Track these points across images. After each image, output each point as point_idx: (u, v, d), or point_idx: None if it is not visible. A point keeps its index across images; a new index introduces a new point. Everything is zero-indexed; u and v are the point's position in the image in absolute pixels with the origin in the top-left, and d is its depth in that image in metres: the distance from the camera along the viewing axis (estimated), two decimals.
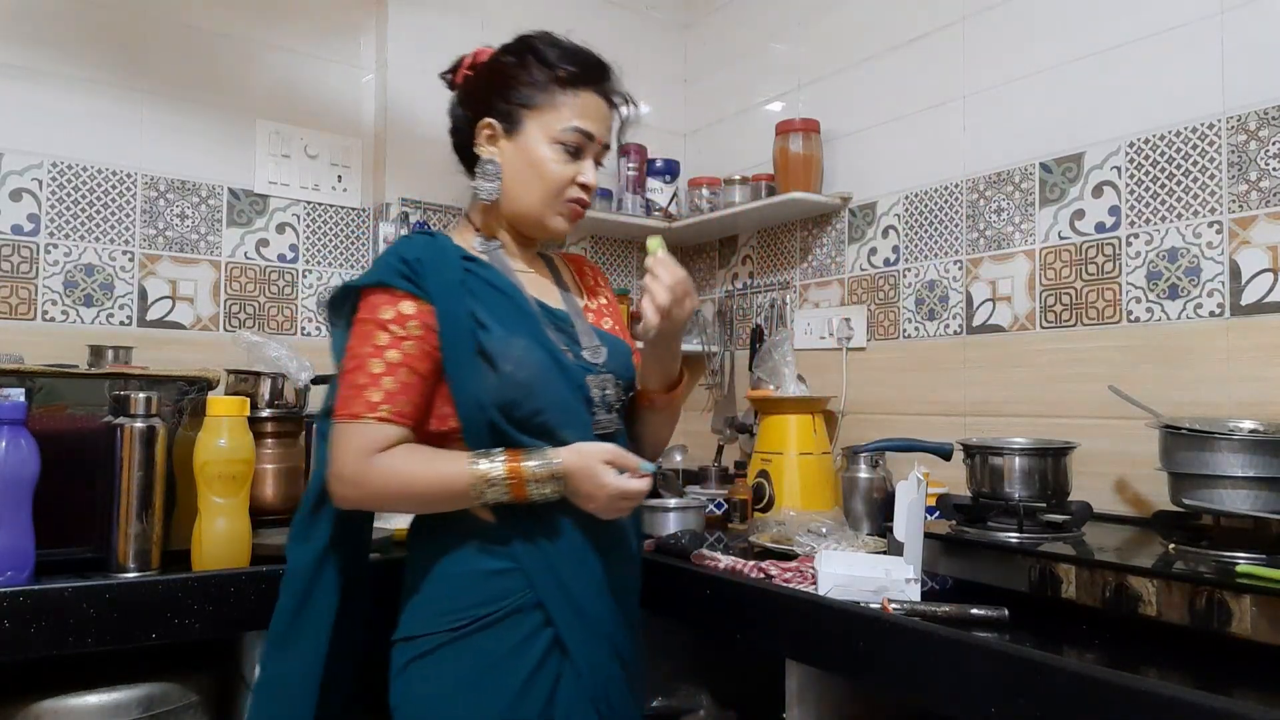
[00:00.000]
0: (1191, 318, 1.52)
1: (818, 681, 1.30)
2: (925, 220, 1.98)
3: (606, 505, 1.06)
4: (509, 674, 1.06)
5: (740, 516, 1.93)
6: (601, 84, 1.21)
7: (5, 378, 1.28)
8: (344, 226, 2.23)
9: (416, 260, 1.08)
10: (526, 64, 1.19)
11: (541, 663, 1.08)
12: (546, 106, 1.17)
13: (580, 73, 1.18)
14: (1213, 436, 1.21)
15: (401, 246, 1.10)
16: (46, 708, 1.21)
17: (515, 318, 1.11)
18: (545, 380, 1.09)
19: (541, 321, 1.14)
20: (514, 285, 1.16)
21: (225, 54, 2.08)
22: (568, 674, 1.09)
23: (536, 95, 1.17)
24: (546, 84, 1.17)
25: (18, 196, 1.83)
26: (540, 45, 1.20)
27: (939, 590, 1.29)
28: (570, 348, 1.15)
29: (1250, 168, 1.46)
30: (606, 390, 1.16)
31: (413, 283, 1.07)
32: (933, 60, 1.98)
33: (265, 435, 1.59)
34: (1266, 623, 0.94)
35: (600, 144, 1.21)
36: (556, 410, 1.09)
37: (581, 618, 1.10)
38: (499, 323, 1.09)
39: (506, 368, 1.06)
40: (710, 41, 2.68)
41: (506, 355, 1.06)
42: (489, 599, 1.08)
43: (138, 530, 1.30)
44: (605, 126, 1.21)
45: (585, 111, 1.18)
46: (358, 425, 1.04)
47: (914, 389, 1.99)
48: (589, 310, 1.27)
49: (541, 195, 1.17)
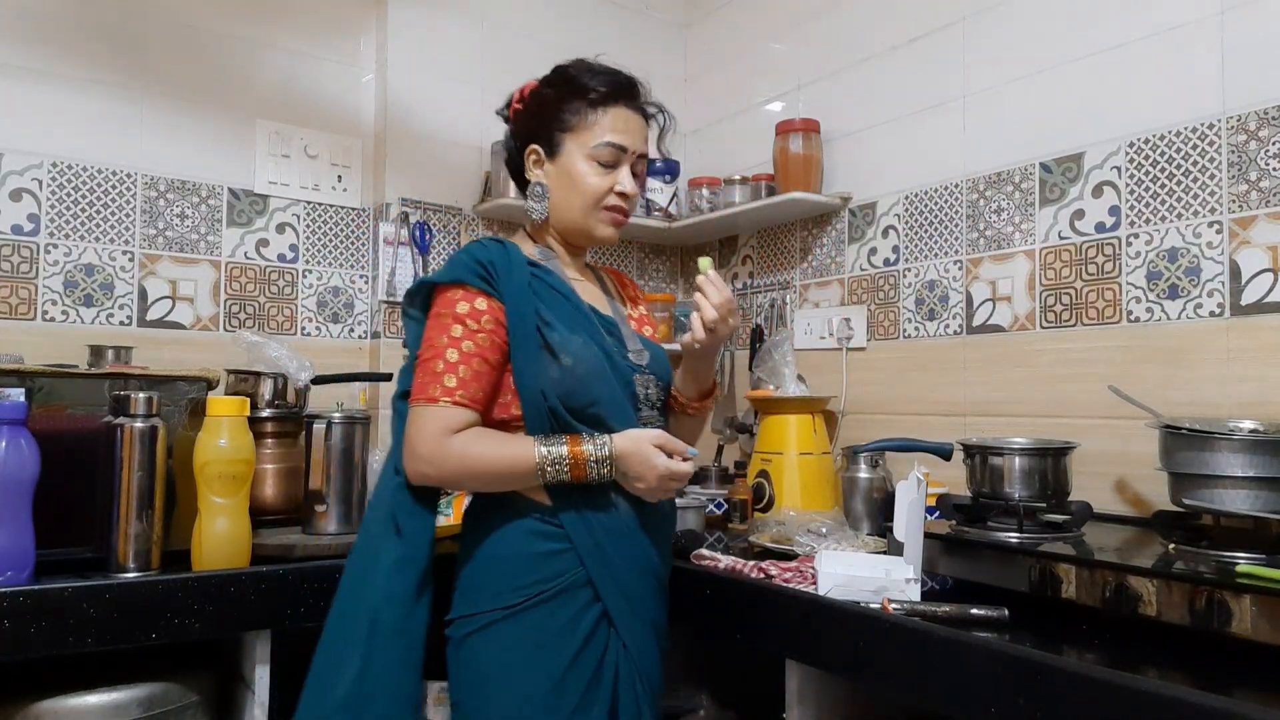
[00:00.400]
0: (1191, 318, 1.52)
1: (818, 681, 1.30)
2: (925, 220, 1.99)
3: (655, 486, 1.17)
4: (562, 646, 1.15)
5: (740, 516, 1.93)
6: (631, 99, 1.29)
7: (5, 378, 1.28)
8: (344, 226, 2.23)
9: (490, 262, 1.19)
10: (561, 91, 1.28)
11: (591, 635, 1.17)
12: (581, 127, 1.26)
13: (609, 91, 1.26)
14: (1213, 436, 1.21)
15: (475, 249, 1.21)
16: (46, 708, 1.21)
17: (574, 318, 1.22)
18: (599, 375, 1.19)
19: (595, 324, 1.26)
20: (571, 289, 1.27)
21: (225, 54, 2.08)
22: (614, 646, 1.19)
23: (572, 118, 1.26)
24: (580, 107, 1.26)
25: (18, 196, 1.84)
26: (573, 72, 1.29)
27: (939, 590, 1.29)
28: (618, 349, 1.26)
29: (1250, 168, 1.46)
30: (649, 389, 1.28)
31: (487, 282, 1.18)
32: (932, 60, 1.98)
33: (265, 435, 1.59)
34: (1266, 623, 0.94)
35: (634, 154, 1.28)
36: (608, 403, 1.19)
37: (627, 596, 1.19)
38: (561, 322, 1.20)
39: (567, 362, 1.17)
40: (710, 41, 2.68)
41: (567, 350, 1.17)
42: (544, 578, 1.16)
43: (138, 530, 1.30)
44: (638, 138, 1.29)
45: (615, 126, 1.26)
46: (435, 408, 1.14)
47: (914, 389, 1.99)
48: (631, 318, 1.38)
49: (582, 206, 1.27)
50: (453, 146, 2.30)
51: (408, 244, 2.21)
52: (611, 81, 1.27)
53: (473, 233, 2.32)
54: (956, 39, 1.93)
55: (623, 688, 1.18)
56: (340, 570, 1.25)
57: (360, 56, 2.27)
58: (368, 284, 2.25)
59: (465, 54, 2.32)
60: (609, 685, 1.17)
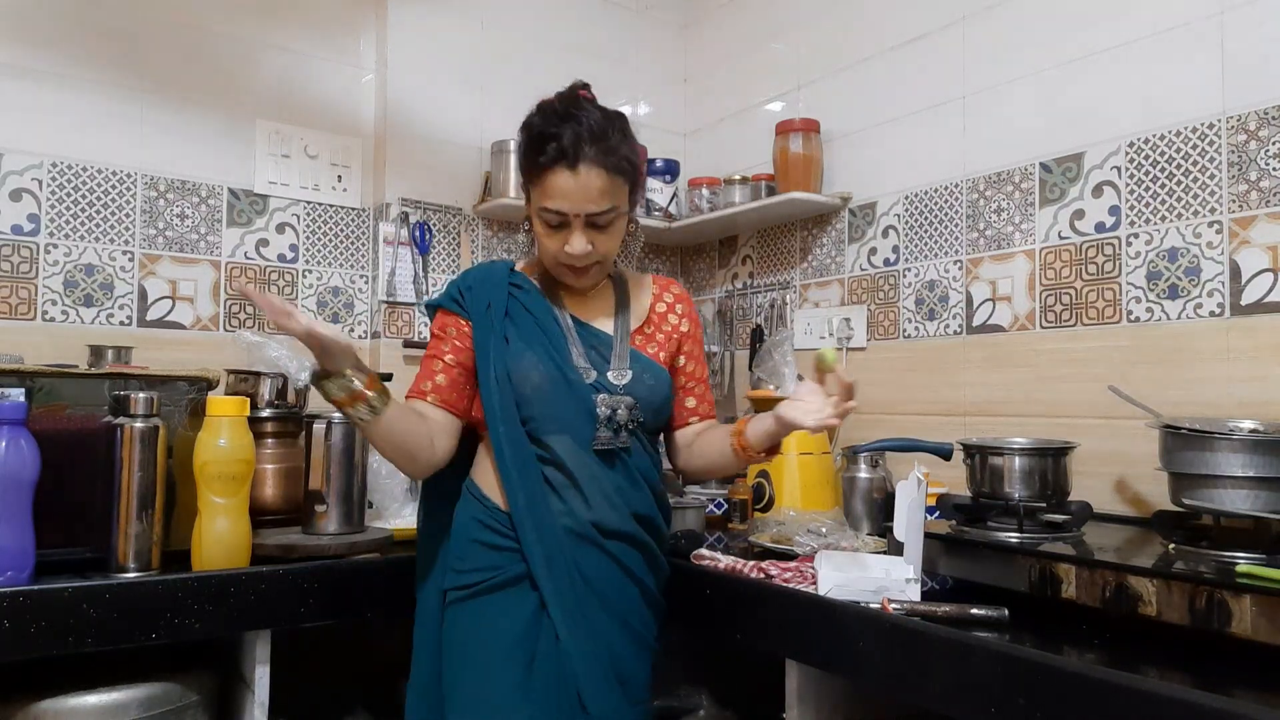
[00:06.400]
0: (1191, 318, 1.52)
1: (818, 681, 1.30)
2: (925, 220, 1.98)
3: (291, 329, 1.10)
4: (502, 634, 1.22)
5: (740, 516, 1.93)
6: (574, 161, 1.21)
7: (5, 378, 1.28)
8: (344, 226, 2.23)
9: (467, 289, 1.32)
10: (521, 143, 1.29)
11: (530, 627, 1.22)
12: (534, 183, 1.27)
13: (545, 161, 1.22)
14: (1213, 436, 1.21)
15: (463, 275, 1.36)
16: (46, 708, 1.21)
17: (535, 336, 1.29)
18: (542, 393, 1.25)
19: (569, 340, 1.30)
20: (547, 307, 1.32)
21: (225, 54, 2.08)
22: (546, 638, 1.22)
23: (530, 171, 1.27)
24: (530, 164, 1.26)
25: (18, 196, 1.84)
26: (530, 123, 1.27)
27: (939, 590, 1.29)
28: (598, 367, 1.29)
29: (1250, 168, 1.46)
30: (618, 410, 1.26)
31: (460, 305, 1.32)
32: (932, 60, 1.98)
33: (265, 435, 1.59)
34: (1266, 623, 0.94)
35: (579, 216, 1.23)
36: (546, 419, 1.25)
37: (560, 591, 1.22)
38: (520, 339, 1.29)
39: (515, 378, 1.26)
40: (710, 41, 2.68)
41: (514, 368, 1.26)
42: (488, 566, 1.25)
43: (138, 530, 1.30)
44: (582, 198, 1.22)
45: (552, 192, 1.23)
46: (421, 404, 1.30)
47: (914, 389, 1.99)
48: (641, 333, 1.37)
49: (546, 258, 1.31)
50: (453, 146, 2.30)
51: (408, 244, 2.21)
52: (553, 142, 1.21)
53: (472, 233, 2.32)
54: (956, 39, 1.93)
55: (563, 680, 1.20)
56: (340, 570, 1.26)
57: (360, 56, 2.27)
58: (368, 284, 2.25)
59: (465, 54, 2.32)
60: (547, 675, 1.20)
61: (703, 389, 1.44)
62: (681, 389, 1.41)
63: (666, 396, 1.35)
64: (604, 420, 1.25)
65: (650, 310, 1.41)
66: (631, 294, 1.41)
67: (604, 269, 1.33)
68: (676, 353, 1.40)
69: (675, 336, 1.40)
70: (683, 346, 1.41)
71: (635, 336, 1.36)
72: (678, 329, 1.41)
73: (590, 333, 1.33)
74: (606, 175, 1.23)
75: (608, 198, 1.24)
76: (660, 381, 1.34)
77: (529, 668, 1.20)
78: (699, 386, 1.43)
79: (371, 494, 1.69)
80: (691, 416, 1.42)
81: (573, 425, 1.25)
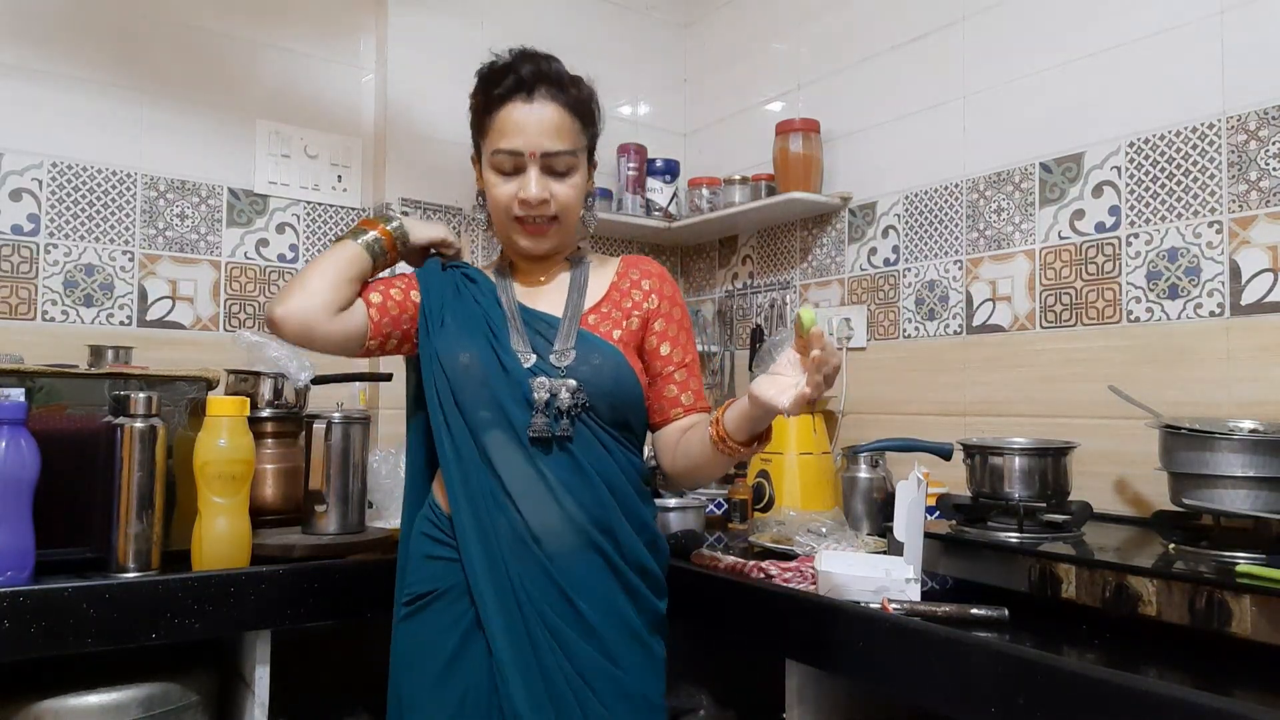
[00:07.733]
0: (1191, 318, 1.52)
1: (818, 681, 1.30)
2: (925, 220, 1.98)
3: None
4: (437, 652, 1.16)
5: (740, 516, 1.93)
6: (529, 92, 1.17)
7: (5, 378, 1.28)
8: (344, 226, 2.23)
9: (422, 272, 1.30)
10: (474, 92, 1.24)
11: (464, 645, 1.14)
12: (485, 133, 1.22)
13: (500, 93, 1.18)
14: (1213, 436, 1.21)
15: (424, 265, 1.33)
16: (46, 708, 1.21)
17: (475, 321, 1.22)
18: (471, 375, 1.18)
19: (511, 324, 1.22)
20: (494, 294, 1.25)
21: (225, 54, 2.08)
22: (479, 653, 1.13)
23: (482, 121, 1.22)
24: (481, 112, 1.22)
25: (18, 196, 1.83)
26: (481, 72, 1.23)
27: (939, 590, 1.29)
28: (539, 350, 1.19)
29: (1250, 168, 1.46)
30: (559, 395, 1.14)
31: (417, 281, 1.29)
32: (933, 60, 1.98)
33: (265, 435, 1.59)
34: (1266, 623, 0.94)
35: (536, 155, 1.18)
36: (472, 402, 1.17)
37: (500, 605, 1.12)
38: (456, 322, 1.22)
39: (444, 358, 1.20)
40: (710, 41, 2.68)
41: (444, 349, 1.20)
42: (428, 578, 1.19)
43: (138, 530, 1.30)
44: (538, 134, 1.17)
45: (505, 129, 1.18)
46: None
47: (914, 389, 1.99)
48: (596, 312, 1.24)
49: (498, 220, 1.25)
50: (453, 146, 2.29)
51: None
52: (510, 75, 1.17)
53: (472, 233, 2.32)
54: (956, 39, 1.93)
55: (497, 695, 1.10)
56: (340, 570, 1.26)
57: (360, 56, 2.27)
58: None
59: (465, 54, 2.29)
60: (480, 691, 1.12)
61: (686, 375, 1.25)
62: (659, 376, 1.24)
63: (619, 378, 1.18)
64: (540, 405, 1.13)
65: (610, 288, 1.26)
66: (591, 275, 1.29)
67: (561, 231, 1.23)
68: (643, 332, 1.24)
69: (638, 314, 1.24)
70: (652, 325, 1.24)
71: (588, 316, 1.23)
72: (640, 305, 1.25)
73: (535, 316, 1.22)
74: (564, 111, 1.18)
75: (565, 137, 1.18)
76: (609, 361, 1.18)
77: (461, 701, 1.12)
78: (680, 372, 1.25)
79: (371, 494, 1.69)
80: (674, 409, 1.24)
81: (508, 413, 1.15)
